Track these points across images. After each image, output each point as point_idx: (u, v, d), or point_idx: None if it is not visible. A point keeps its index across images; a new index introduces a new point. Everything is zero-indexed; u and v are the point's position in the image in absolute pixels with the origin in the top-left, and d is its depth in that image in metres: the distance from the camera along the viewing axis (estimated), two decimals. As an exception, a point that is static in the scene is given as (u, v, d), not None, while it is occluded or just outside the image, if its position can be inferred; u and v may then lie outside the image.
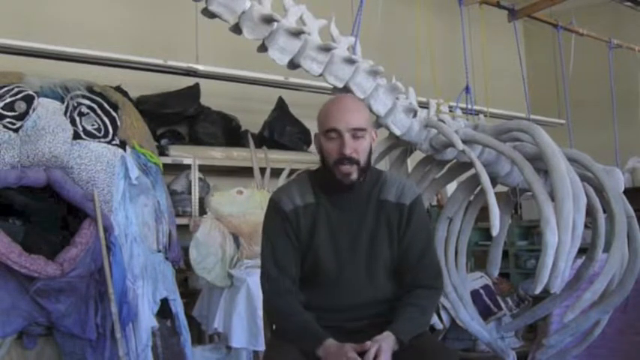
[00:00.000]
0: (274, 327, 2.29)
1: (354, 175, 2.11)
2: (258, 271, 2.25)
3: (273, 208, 2.22)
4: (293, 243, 2.17)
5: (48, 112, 3.04)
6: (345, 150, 2.08)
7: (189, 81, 4.97)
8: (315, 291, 2.18)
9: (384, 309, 2.15)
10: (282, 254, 2.17)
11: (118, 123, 3.23)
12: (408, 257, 2.18)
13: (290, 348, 2.06)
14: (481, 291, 4.51)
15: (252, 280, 3.46)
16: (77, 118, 3.11)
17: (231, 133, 5.23)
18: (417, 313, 2.11)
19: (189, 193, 4.71)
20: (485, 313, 4.32)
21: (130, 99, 4.12)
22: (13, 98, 3.01)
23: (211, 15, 2.49)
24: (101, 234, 2.98)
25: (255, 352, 3.64)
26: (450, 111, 3.22)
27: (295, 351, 2.05)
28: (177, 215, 4.22)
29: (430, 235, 2.28)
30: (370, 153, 2.16)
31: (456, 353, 2.22)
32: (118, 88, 4.13)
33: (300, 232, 2.17)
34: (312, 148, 5.41)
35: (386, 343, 1.97)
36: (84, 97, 3.19)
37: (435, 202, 5.67)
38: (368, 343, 1.96)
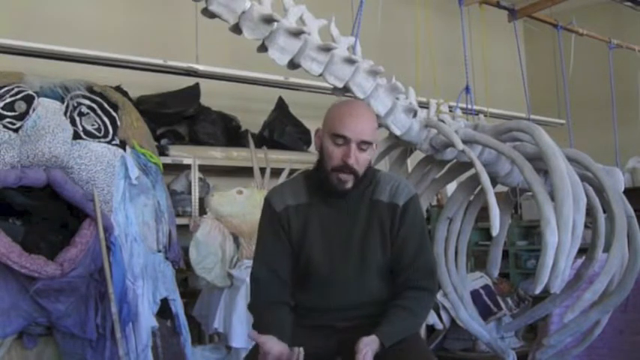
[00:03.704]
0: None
1: (349, 184, 2.10)
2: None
3: (266, 208, 2.23)
4: (284, 243, 2.17)
5: (48, 112, 3.04)
6: (349, 160, 2.07)
7: (190, 81, 4.97)
8: (306, 290, 2.17)
9: (375, 310, 2.12)
10: (272, 255, 2.18)
11: (118, 123, 3.23)
12: (401, 258, 2.15)
13: None
14: (481, 291, 4.51)
15: (252, 280, 3.46)
16: (77, 118, 3.11)
17: (231, 133, 5.23)
18: (404, 316, 2.09)
19: (189, 193, 4.71)
20: (485, 313, 4.32)
21: (130, 99, 4.12)
22: (13, 98, 3.01)
23: (211, 15, 2.49)
24: (101, 234, 2.98)
25: (255, 352, 3.64)
26: (450, 111, 3.22)
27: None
28: (177, 215, 4.22)
29: (424, 236, 2.23)
30: (369, 165, 2.15)
31: (434, 358, 2.19)
32: (118, 88, 4.13)
33: (292, 231, 2.17)
34: (312, 148, 5.41)
35: (372, 348, 1.96)
36: (84, 97, 3.19)
37: (435, 202, 5.67)
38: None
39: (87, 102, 3.19)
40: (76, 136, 3.07)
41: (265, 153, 4.45)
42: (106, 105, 3.24)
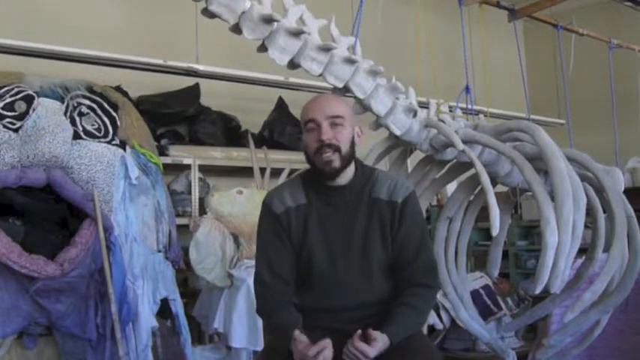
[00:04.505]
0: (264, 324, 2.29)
1: (336, 163, 2.09)
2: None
3: (265, 211, 2.22)
4: (286, 245, 2.17)
5: (48, 112, 3.04)
6: (323, 136, 2.08)
7: (190, 81, 4.97)
8: (310, 292, 2.17)
9: (379, 310, 2.12)
10: (275, 258, 2.17)
11: (118, 123, 3.24)
12: (402, 255, 2.16)
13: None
14: (481, 291, 4.51)
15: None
16: (77, 118, 3.12)
17: (231, 133, 5.23)
18: (409, 314, 2.09)
19: (189, 193, 4.71)
20: (485, 313, 4.32)
21: (130, 99, 4.12)
22: (13, 98, 3.01)
23: (211, 15, 2.48)
24: (101, 234, 2.98)
25: (255, 352, 3.65)
26: (450, 111, 3.21)
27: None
28: (177, 215, 4.22)
29: (425, 232, 2.24)
30: (353, 144, 2.15)
31: (440, 355, 2.20)
32: (118, 88, 4.13)
33: (292, 233, 2.17)
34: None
35: (383, 341, 1.98)
36: (84, 97, 3.20)
37: (435, 202, 5.67)
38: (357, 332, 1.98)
39: (87, 102, 3.19)
40: (76, 136, 3.07)
41: (265, 153, 4.45)
42: (106, 105, 3.24)
